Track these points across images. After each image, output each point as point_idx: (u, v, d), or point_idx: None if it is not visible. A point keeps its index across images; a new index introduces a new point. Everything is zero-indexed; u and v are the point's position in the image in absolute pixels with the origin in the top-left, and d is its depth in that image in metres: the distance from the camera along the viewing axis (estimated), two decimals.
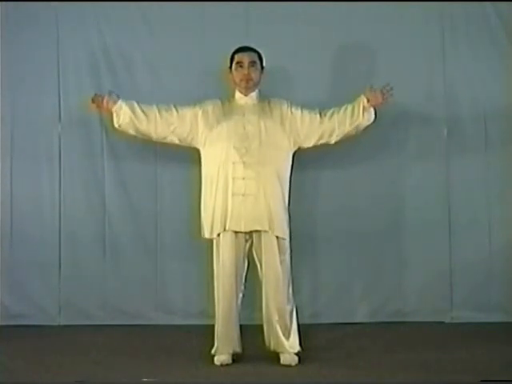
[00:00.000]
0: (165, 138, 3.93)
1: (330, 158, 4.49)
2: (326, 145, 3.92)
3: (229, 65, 3.91)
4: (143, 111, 3.89)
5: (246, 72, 3.84)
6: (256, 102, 3.88)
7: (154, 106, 3.90)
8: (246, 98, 3.88)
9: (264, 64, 3.91)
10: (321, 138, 3.86)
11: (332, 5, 4.52)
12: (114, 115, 3.90)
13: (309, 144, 3.87)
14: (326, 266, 4.59)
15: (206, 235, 3.80)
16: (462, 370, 3.52)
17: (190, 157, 3.98)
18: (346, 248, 4.58)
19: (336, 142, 3.90)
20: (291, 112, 3.86)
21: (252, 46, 3.90)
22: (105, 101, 3.91)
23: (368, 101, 3.80)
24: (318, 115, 3.85)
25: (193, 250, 4.41)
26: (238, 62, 3.87)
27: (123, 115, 3.89)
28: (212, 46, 4.48)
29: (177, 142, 3.93)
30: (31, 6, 4.59)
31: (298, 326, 3.79)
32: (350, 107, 3.84)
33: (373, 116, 3.84)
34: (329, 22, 4.50)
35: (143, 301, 4.61)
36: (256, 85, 3.89)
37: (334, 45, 4.54)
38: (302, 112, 3.86)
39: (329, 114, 3.85)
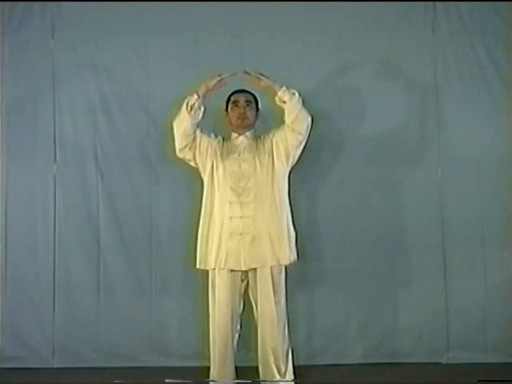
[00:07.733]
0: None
1: (321, 198, 4.54)
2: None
3: (225, 107, 3.98)
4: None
5: (242, 111, 3.92)
6: (251, 141, 3.95)
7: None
8: (241, 138, 3.95)
9: (259, 106, 3.98)
10: (290, 138, 3.89)
11: (326, 55, 4.58)
12: (199, 101, 3.85)
13: (296, 151, 3.93)
14: (321, 307, 4.56)
15: (197, 265, 3.91)
16: None
17: (185, 196, 3.99)
18: (342, 289, 4.56)
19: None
20: (274, 136, 3.93)
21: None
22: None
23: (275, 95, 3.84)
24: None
25: (188, 290, 4.42)
26: (233, 102, 3.96)
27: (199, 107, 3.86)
28: None
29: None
30: (28, 47, 4.64)
31: (294, 367, 3.77)
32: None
33: (290, 95, 3.82)
34: (323, 71, 4.55)
35: (138, 342, 4.55)
36: (251, 124, 3.98)
37: (329, 90, 4.59)
38: (279, 132, 3.92)
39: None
